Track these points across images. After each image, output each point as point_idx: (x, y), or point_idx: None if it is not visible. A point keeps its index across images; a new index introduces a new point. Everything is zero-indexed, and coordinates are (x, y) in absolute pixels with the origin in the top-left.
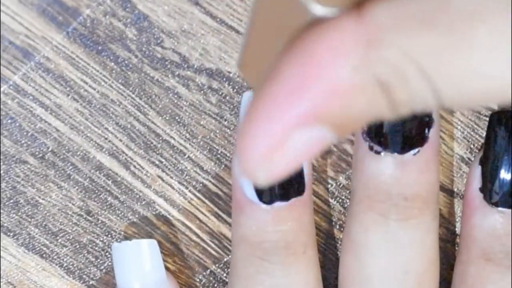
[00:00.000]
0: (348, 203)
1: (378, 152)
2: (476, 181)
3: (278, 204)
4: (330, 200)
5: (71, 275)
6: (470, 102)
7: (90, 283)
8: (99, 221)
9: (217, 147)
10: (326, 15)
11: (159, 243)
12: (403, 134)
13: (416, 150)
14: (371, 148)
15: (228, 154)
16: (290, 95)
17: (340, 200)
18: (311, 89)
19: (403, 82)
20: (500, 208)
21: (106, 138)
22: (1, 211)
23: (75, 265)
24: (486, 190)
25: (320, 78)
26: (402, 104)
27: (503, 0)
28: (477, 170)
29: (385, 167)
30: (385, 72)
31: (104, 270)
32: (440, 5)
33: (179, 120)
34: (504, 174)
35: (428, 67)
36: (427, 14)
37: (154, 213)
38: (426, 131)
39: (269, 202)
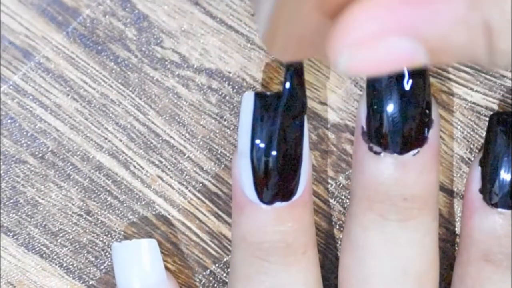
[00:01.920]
0: (348, 203)
1: (377, 153)
2: (476, 182)
3: (278, 204)
4: (330, 200)
5: (71, 275)
6: None
7: (90, 283)
8: (99, 221)
9: (216, 147)
10: None
11: (159, 243)
12: (402, 134)
13: (416, 150)
14: (370, 149)
15: (228, 154)
16: (400, 3)
17: (340, 200)
18: (422, 6)
19: (509, 32)
20: (500, 209)
21: (106, 138)
22: (1, 211)
23: (75, 265)
24: (486, 191)
25: (436, 2)
26: (500, 54)
27: None
28: (477, 171)
29: (384, 168)
30: (495, 17)
31: (104, 270)
32: None
33: (179, 120)
34: (504, 175)
35: None
36: None
37: (154, 213)
38: (426, 131)
39: (270, 202)
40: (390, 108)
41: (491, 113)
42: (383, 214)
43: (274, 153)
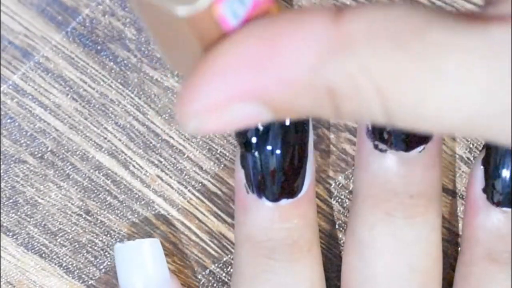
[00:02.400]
0: (348, 203)
1: (383, 151)
2: (479, 181)
3: (283, 202)
4: (330, 200)
5: (70, 275)
6: (421, 128)
7: (90, 282)
8: (98, 221)
9: (216, 147)
10: (191, 13)
11: None
12: (408, 131)
13: (422, 147)
14: (375, 147)
15: (227, 154)
16: (244, 68)
17: (340, 200)
18: (265, 72)
19: (354, 95)
20: (503, 208)
21: (105, 138)
22: (1, 210)
23: (74, 265)
24: (489, 190)
25: (278, 65)
26: (346, 114)
27: (474, 38)
28: (479, 171)
29: (390, 165)
30: (339, 81)
31: (103, 270)
32: (416, 32)
33: None
34: (507, 174)
35: (386, 89)
36: (402, 38)
37: (153, 212)
38: None
39: (275, 200)
40: None
41: None
42: (389, 212)
43: (278, 151)
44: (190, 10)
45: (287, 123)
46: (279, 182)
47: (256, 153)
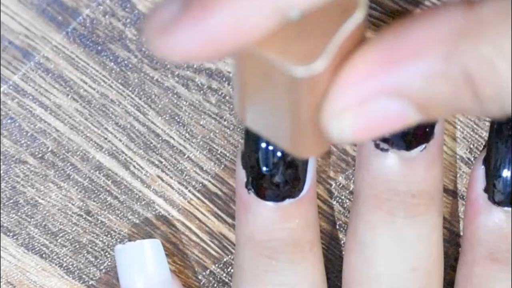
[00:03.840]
0: (348, 203)
1: (384, 150)
2: (480, 181)
3: (285, 202)
4: (330, 200)
5: (70, 275)
6: None
7: (90, 283)
8: (99, 221)
9: (216, 147)
10: (312, 75)
11: None
12: (409, 130)
13: (423, 146)
14: (377, 146)
15: (227, 154)
16: (381, 67)
17: (340, 200)
18: (402, 66)
19: (492, 78)
20: (505, 208)
21: (105, 138)
22: (1, 211)
23: (74, 265)
24: (490, 190)
25: (413, 58)
26: (487, 100)
27: None
28: (480, 170)
29: (392, 165)
30: (475, 65)
31: (103, 270)
32: None
33: (178, 120)
34: (508, 174)
35: None
36: None
37: (153, 213)
38: (433, 127)
39: (276, 200)
40: None
41: None
42: (391, 212)
43: (279, 150)
44: (309, 72)
45: None
46: (280, 182)
47: (257, 153)
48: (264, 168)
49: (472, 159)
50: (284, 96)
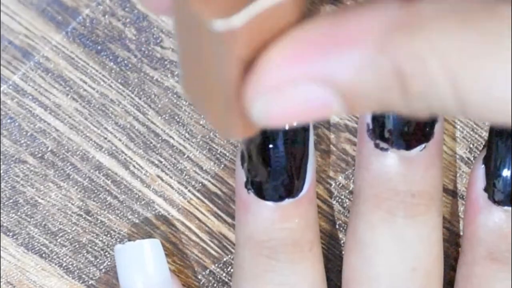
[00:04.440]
0: (348, 203)
1: (384, 149)
2: (480, 180)
3: (284, 201)
4: (330, 200)
5: (70, 275)
6: (490, 114)
7: (90, 282)
8: (99, 221)
9: (216, 147)
10: (229, 28)
11: None
12: (409, 130)
13: (423, 146)
14: (376, 146)
15: (227, 154)
16: (309, 51)
17: (340, 200)
18: (331, 52)
19: (423, 75)
20: (505, 207)
21: (105, 138)
22: (1, 211)
23: (74, 265)
24: (490, 189)
25: (344, 45)
26: (415, 97)
27: None
28: (480, 170)
29: (391, 164)
30: (406, 60)
31: (103, 270)
32: (485, 8)
33: (178, 119)
34: (508, 173)
35: (456, 68)
36: (472, 15)
37: (153, 212)
38: (432, 126)
39: (276, 199)
40: None
41: None
42: (391, 211)
43: (279, 150)
44: (226, 25)
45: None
46: (280, 182)
47: (258, 153)
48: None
49: (472, 158)
50: (210, 58)
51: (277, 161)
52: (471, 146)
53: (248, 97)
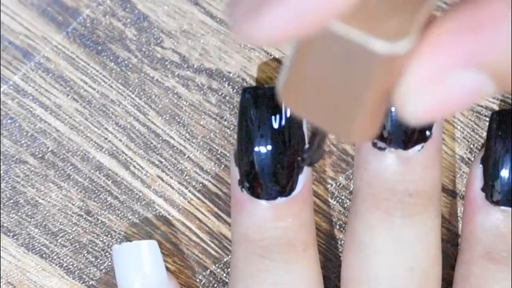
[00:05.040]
0: (348, 203)
1: (382, 149)
2: (478, 180)
3: (278, 200)
4: (330, 200)
5: (71, 275)
6: None
7: (90, 283)
8: (99, 221)
9: (216, 147)
10: (395, 53)
11: (159, 243)
12: (407, 130)
13: (420, 146)
14: (374, 145)
15: (228, 154)
16: (457, 36)
17: (340, 200)
18: (481, 35)
19: None
20: (502, 207)
21: (106, 138)
22: (1, 211)
23: (75, 265)
24: (488, 189)
25: (492, 26)
26: None
27: None
28: (479, 170)
29: (389, 164)
30: None
31: (104, 270)
32: None
33: (178, 120)
34: (505, 173)
35: None
36: None
37: (154, 213)
38: (430, 127)
39: (269, 198)
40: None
41: (491, 113)
42: (388, 211)
43: (271, 149)
44: (391, 48)
45: (282, 123)
46: (273, 180)
47: (250, 151)
48: (257, 166)
49: (472, 159)
50: (355, 76)
51: (269, 160)
52: (471, 146)
53: (403, 100)
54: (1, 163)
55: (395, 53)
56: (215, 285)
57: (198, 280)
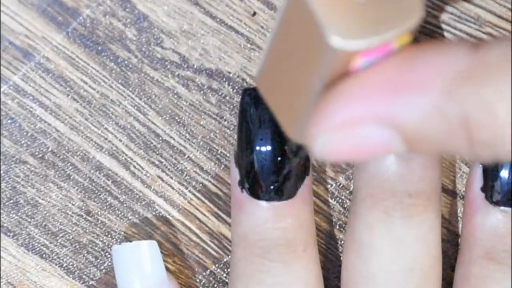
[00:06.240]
0: (348, 204)
1: None
2: (478, 181)
3: (277, 201)
4: (330, 200)
5: (71, 275)
6: None
7: (90, 283)
8: (99, 221)
9: (216, 147)
10: (344, 49)
11: (159, 243)
12: None
13: None
14: None
15: (228, 154)
16: (377, 92)
17: (340, 200)
18: (398, 96)
19: (490, 123)
20: (502, 208)
21: (106, 138)
22: (1, 211)
23: (75, 265)
24: (488, 189)
25: (411, 89)
26: (481, 145)
27: None
28: (478, 170)
29: (389, 164)
30: (474, 109)
31: (104, 270)
32: None
33: (179, 120)
34: (505, 173)
35: None
36: None
37: (154, 213)
38: None
39: (269, 199)
40: None
41: None
42: (388, 212)
43: (271, 149)
44: (344, 45)
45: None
46: (273, 181)
47: (250, 152)
48: (257, 167)
49: None
50: (307, 63)
51: (269, 161)
52: None
53: (313, 132)
54: (1, 163)
55: (342, 48)
56: (215, 285)
57: (198, 280)
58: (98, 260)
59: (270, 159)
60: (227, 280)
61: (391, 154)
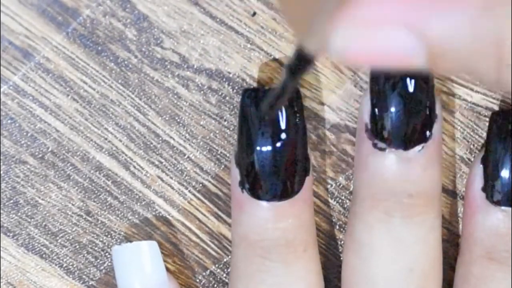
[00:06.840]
0: (348, 204)
1: (382, 149)
2: (478, 180)
3: (278, 201)
4: (330, 201)
5: (70, 276)
6: None
7: (90, 283)
8: (99, 222)
9: (216, 148)
10: None
11: (159, 243)
12: (407, 130)
13: (421, 146)
14: (374, 145)
15: (227, 155)
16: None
17: (340, 201)
18: (433, 5)
19: None
20: (502, 207)
21: (105, 139)
22: (1, 211)
23: (74, 266)
24: (488, 189)
25: (450, 1)
26: (509, 66)
27: None
28: (479, 170)
29: (389, 164)
30: (509, 29)
31: (103, 271)
32: None
33: (178, 120)
34: (506, 173)
35: None
36: None
37: (153, 213)
38: (431, 127)
39: (269, 199)
40: (395, 105)
41: (491, 113)
42: (388, 212)
43: (273, 149)
44: None
45: (283, 125)
46: (274, 181)
47: (250, 152)
48: (257, 167)
49: (472, 159)
50: None
51: (271, 160)
52: (471, 146)
53: (337, 24)
54: (1, 163)
55: None
56: (215, 285)
57: (198, 280)
58: (98, 260)
59: (270, 159)
60: (227, 280)
61: (409, 67)
